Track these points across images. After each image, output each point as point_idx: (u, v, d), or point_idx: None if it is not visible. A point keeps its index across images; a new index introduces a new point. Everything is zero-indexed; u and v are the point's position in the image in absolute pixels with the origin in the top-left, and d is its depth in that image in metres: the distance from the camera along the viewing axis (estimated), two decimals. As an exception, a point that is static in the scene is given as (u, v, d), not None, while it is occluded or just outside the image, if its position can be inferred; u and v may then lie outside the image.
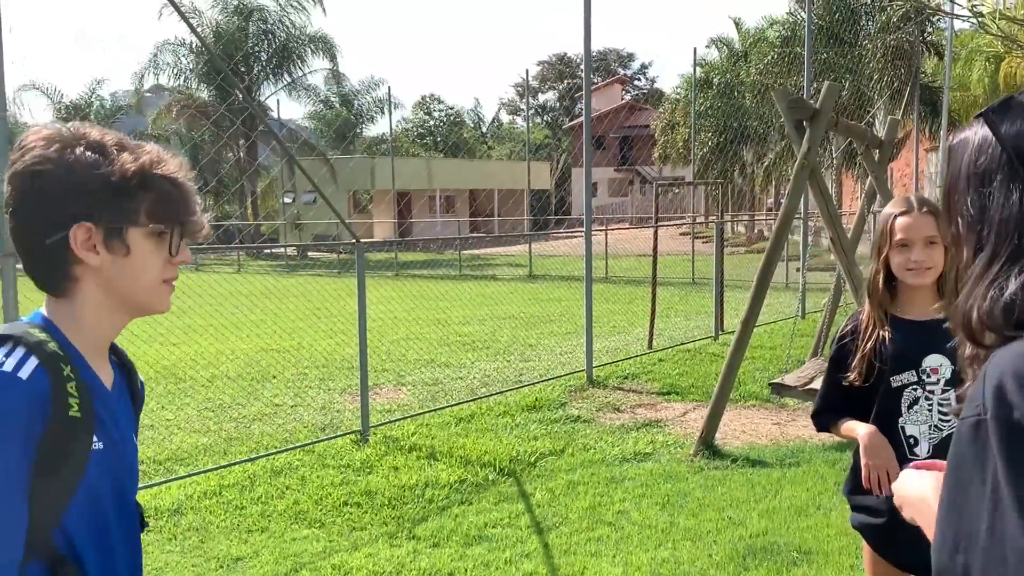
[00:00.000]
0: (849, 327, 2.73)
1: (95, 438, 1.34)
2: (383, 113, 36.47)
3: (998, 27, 3.01)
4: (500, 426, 7.24)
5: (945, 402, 2.55)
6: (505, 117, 70.27)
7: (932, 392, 2.56)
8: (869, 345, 2.61)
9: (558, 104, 67.59)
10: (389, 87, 41.50)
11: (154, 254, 1.42)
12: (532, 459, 6.29)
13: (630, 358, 9.97)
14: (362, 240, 7.37)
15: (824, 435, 6.66)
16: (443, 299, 16.52)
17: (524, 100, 62.92)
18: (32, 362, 1.28)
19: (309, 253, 31.98)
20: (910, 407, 2.58)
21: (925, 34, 20.20)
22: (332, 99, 37.66)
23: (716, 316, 11.57)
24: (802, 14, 22.94)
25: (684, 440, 6.68)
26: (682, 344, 10.90)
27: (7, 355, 1.28)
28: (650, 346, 10.63)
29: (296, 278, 23.48)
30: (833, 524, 4.82)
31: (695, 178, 24.15)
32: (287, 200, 34.40)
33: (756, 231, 31.99)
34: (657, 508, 5.27)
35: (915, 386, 2.58)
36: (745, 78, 26.84)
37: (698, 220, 26.34)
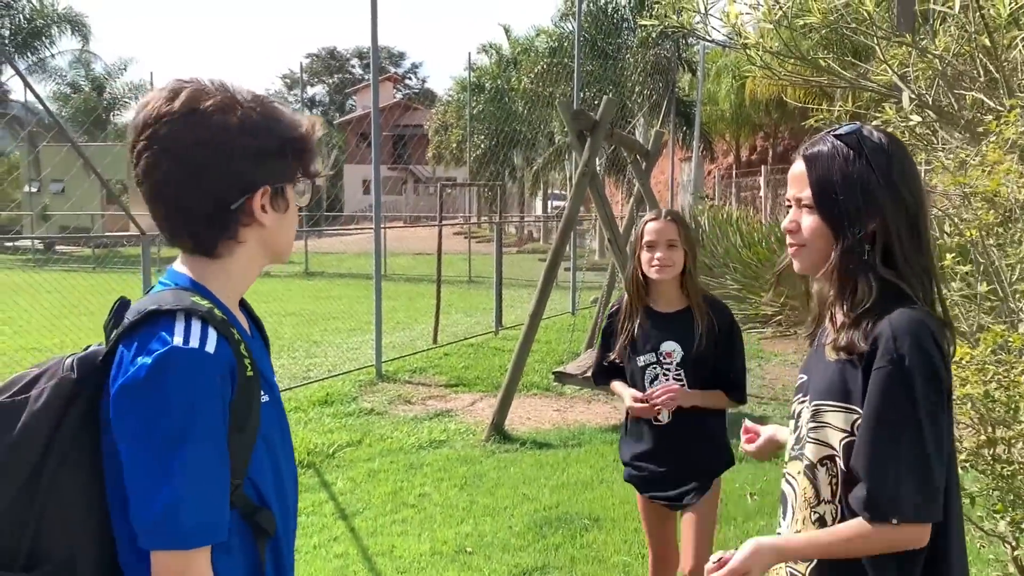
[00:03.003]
0: (616, 307, 3.35)
1: (262, 391, 1.40)
2: (136, 100, 34.46)
3: (761, 59, 3.56)
4: (293, 421, 7.28)
5: (678, 379, 3.12)
6: (273, 110, 68.24)
7: (668, 370, 3.15)
8: (625, 331, 3.23)
9: (328, 99, 66.66)
10: (152, 73, 39.11)
11: (295, 208, 1.50)
12: (330, 451, 6.42)
13: (417, 353, 10.27)
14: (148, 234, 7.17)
15: (600, 419, 7.32)
16: (217, 296, 15.97)
17: (294, 93, 61.56)
18: (213, 334, 1.31)
19: (57, 247, 29.61)
20: (652, 382, 3.16)
21: (681, 51, 22.00)
22: (81, 82, 35.16)
23: (496, 312, 12.10)
24: (567, 26, 24.27)
25: (475, 427, 7.06)
26: (465, 339, 11.34)
27: (187, 330, 1.30)
28: (435, 341, 10.96)
29: (46, 273, 21.74)
30: (616, 494, 5.37)
31: (471, 179, 24.83)
32: (33, 190, 31.69)
33: (526, 232, 33.31)
34: (456, 489, 5.60)
35: (655, 365, 3.17)
36: (516, 85, 27.90)
37: (473, 220, 27.05)
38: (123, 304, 1.41)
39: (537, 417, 7.51)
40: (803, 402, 1.74)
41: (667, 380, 3.13)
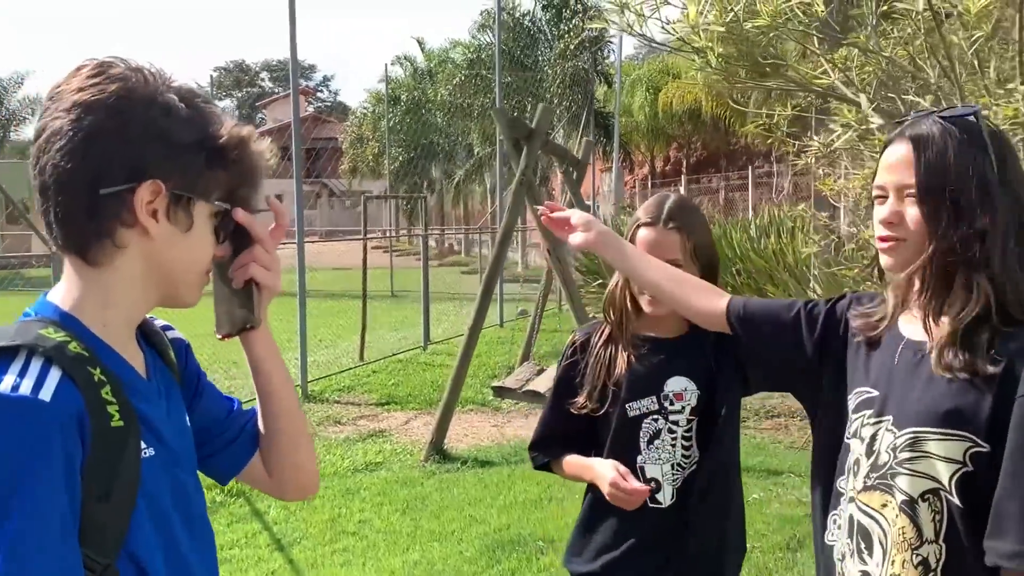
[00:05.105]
0: (579, 341, 2.21)
1: (143, 444, 1.12)
2: (35, 114, 33.10)
3: (717, 59, 3.43)
4: (218, 446, 6.91)
5: (689, 435, 2.08)
6: (179, 124, 66.76)
7: (676, 423, 2.08)
8: (602, 364, 2.13)
9: (237, 112, 65.42)
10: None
11: (209, 237, 1.21)
12: (260, 477, 6.08)
13: (344, 371, 9.94)
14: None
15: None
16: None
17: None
18: (54, 376, 1.04)
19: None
20: (650, 442, 2.08)
21: (597, 63, 22.17)
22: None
23: (424, 327, 11.84)
24: (484, 38, 24.22)
25: (412, 447, 6.80)
26: (393, 355, 11.04)
27: (21, 374, 1.03)
28: (362, 358, 10.65)
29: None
30: (568, 513, 5.17)
31: (388, 192, 24.51)
32: (-77, 208, 30.03)
33: (447, 245, 33.08)
34: (398, 514, 5.34)
35: (656, 415, 2.08)
36: (433, 96, 27.71)
37: (397, 234, 26.72)
38: None
39: (475, 434, 7.29)
40: (879, 423, 1.52)
41: (673, 437, 2.08)
